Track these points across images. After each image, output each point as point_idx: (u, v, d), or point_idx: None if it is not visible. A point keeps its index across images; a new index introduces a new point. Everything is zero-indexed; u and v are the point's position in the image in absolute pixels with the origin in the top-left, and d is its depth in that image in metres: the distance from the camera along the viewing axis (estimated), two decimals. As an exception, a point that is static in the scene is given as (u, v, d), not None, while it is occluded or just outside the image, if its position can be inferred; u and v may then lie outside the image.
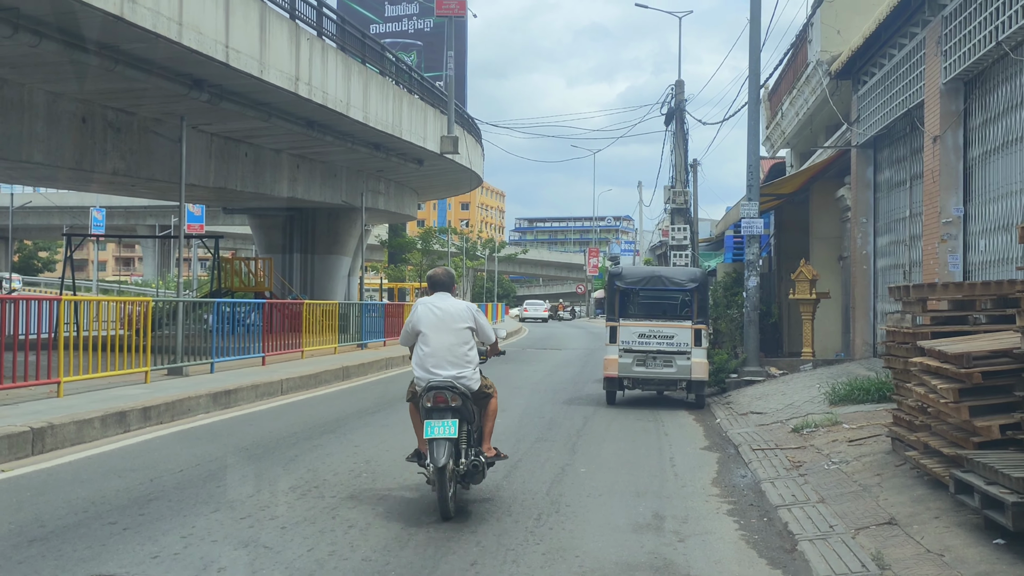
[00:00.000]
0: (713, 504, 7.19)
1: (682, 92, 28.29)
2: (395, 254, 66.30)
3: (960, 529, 5.68)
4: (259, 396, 12.80)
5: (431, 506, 6.58)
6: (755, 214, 15.45)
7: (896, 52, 13.53)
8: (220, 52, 13.84)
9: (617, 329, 13.49)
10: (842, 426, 9.86)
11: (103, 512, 6.29)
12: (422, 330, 6.73)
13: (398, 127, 23.08)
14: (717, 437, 10.77)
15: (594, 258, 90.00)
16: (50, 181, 22.28)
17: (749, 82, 15.69)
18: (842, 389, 11.42)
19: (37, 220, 60.32)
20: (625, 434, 10.84)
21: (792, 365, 15.96)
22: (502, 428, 10.71)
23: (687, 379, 13.29)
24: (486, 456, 6.83)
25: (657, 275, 14.09)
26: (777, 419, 11.32)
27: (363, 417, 11.47)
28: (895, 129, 14.35)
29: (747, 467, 8.76)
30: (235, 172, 21.64)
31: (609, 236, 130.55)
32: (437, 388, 6.48)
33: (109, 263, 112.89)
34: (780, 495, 7.34)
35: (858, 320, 15.73)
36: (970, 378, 6.13)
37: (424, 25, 63.36)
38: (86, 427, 9.05)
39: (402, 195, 33.04)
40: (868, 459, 8.09)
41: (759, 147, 16.36)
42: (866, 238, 15.68)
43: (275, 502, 6.76)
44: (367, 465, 8.26)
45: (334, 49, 19.16)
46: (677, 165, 28.52)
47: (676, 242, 27.32)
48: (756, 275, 15.60)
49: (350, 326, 21.43)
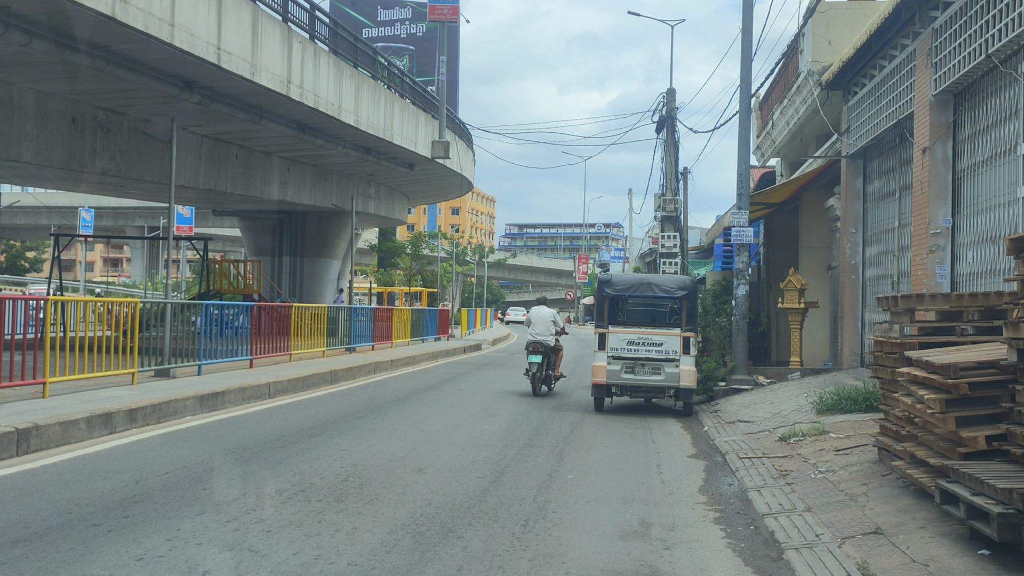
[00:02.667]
0: (700, 512, 7.19)
1: (673, 100, 28.34)
2: (385, 258, 66.18)
3: (946, 539, 5.70)
4: (246, 399, 12.75)
5: (416, 512, 6.57)
6: (745, 223, 15.49)
7: (886, 63, 13.61)
8: (212, 54, 13.80)
9: (606, 336, 13.50)
10: (829, 435, 9.89)
11: (88, 514, 6.25)
12: (532, 319, 15.30)
13: (389, 131, 23.07)
14: (705, 445, 10.78)
15: (584, 265, 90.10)
16: (39, 181, 22.15)
17: (740, 91, 15.75)
18: (829, 399, 11.45)
19: (25, 220, 59.96)
20: (613, 441, 10.84)
21: (780, 374, 16.00)
22: (489, 433, 10.72)
23: (675, 387, 13.31)
24: (554, 373, 15.42)
25: (646, 282, 14.11)
26: (764, 428, 11.34)
27: (351, 421, 11.44)
28: (885, 140, 14.42)
29: (734, 475, 8.77)
30: (225, 174, 21.58)
31: (599, 243, 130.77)
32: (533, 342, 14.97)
33: (97, 264, 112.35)
34: (767, 503, 7.35)
35: (846, 330, 15.79)
36: (957, 389, 6.16)
37: (417, 30, 63.47)
38: (71, 428, 9.00)
39: (392, 199, 33.01)
40: (855, 468, 8.11)
41: (749, 156, 16.41)
42: (855, 248, 15.74)
43: (261, 505, 6.73)
44: (354, 469, 8.24)
45: (326, 52, 19.14)
46: (668, 173, 28.58)
47: (666, 250, 27.39)
48: (745, 284, 15.64)
49: (339, 330, 21.38)
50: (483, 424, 11.71)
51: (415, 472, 8.21)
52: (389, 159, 25.64)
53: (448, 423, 11.76)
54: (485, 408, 13.51)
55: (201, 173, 20.43)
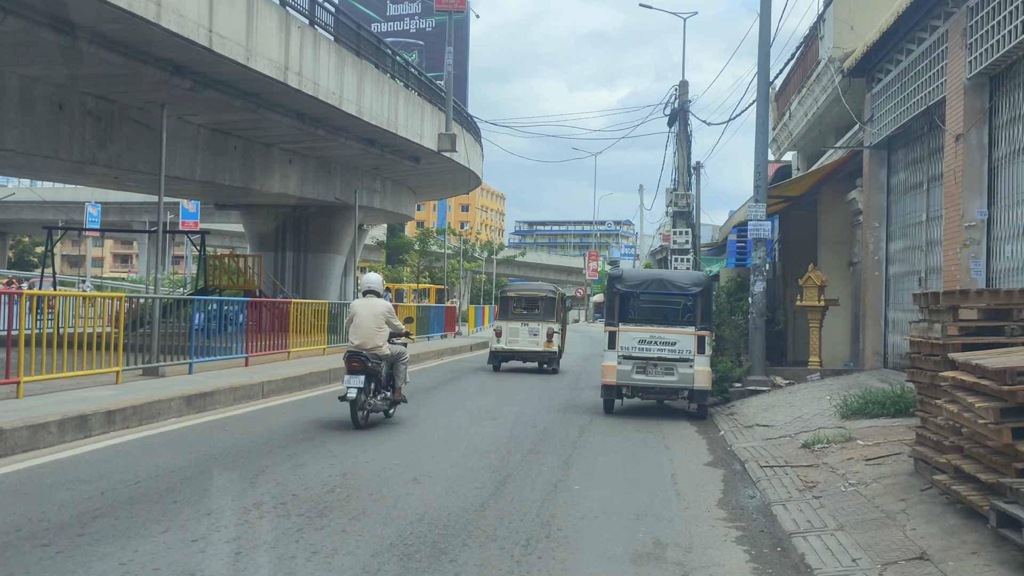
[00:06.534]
0: (720, 529, 6.51)
1: (686, 92, 27.72)
2: (393, 255, 65.57)
3: (1003, 568, 5.01)
4: (237, 399, 12.11)
5: (406, 529, 5.91)
6: (763, 216, 14.77)
7: (915, 47, 12.86)
8: (203, 36, 13.10)
9: (617, 334, 12.82)
10: (857, 442, 9.18)
11: (39, 532, 5.61)
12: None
13: (394, 122, 22.38)
14: (722, 451, 10.09)
15: (594, 262, 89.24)
16: (27, 170, 21.41)
17: (758, 77, 15.03)
18: (855, 402, 10.74)
19: (32, 215, 59.54)
20: (624, 446, 10.16)
21: (798, 375, 15.28)
22: (491, 437, 10.04)
23: (689, 388, 12.63)
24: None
25: (659, 278, 13.41)
26: (785, 433, 10.64)
27: (345, 423, 10.77)
28: (912, 129, 13.68)
29: (755, 486, 8.09)
30: (224, 166, 20.91)
31: (609, 240, 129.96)
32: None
33: (107, 260, 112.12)
34: (794, 520, 6.66)
35: (868, 329, 15.05)
36: (1013, 396, 5.45)
37: (426, 25, 62.85)
38: (41, 432, 8.37)
39: (399, 194, 32.34)
40: (889, 481, 7.40)
41: (767, 146, 15.70)
42: (878, 243, 15.00)
43: (234, 521, 6.08)
44: (343, 479, 7.58)
45: (327, 39, 18.44)
46: (680, 167, 27.97)
47: (678, 246, 26.76)
48: (763, 280, 14.93)
49: (341, 326, 20.74)
50: (486, 427, 11.04)
51: (409, 482, 7.55)
52: (394, 152, 24.96)
53: (448, 426, 11.11)
54: (489, 410, 12.84)
55: (198, 164, 19.75)
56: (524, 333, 19.94)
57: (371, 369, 10.43)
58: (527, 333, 19.93)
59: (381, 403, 10.78)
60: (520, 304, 20.63)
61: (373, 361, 10.44)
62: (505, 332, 19.98)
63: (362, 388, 10.28)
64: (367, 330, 10.55)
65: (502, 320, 20.28)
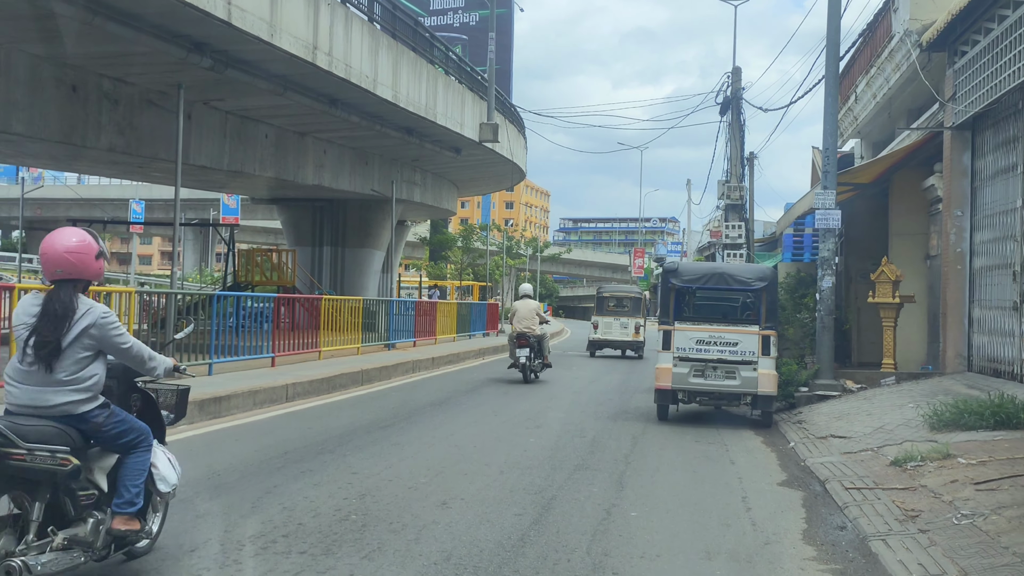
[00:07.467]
0: (812, 575, 5.32)
1: (739, 80, 26.43)
2: (436, 251, 64.72)
3: None
4: (257, 404, 11.14)
5: (431, 571, 4.82)
6: (832, 204, 13.45)
7: (1009, 12, 11.46)
8: (221, 9, 12.06)
9: (672, 334, 11.63)
10: (957, 460, 7.89)
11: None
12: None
13: (432, 110, 21.32)
14: (796, 468, 8.86)
15: (639, 259, 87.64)
16: (37, 157, 20.49)
17: (827, 52, 13.69)
18: (947, 412, 9.43)
19: (79, 212, 59.62)
20: (683, 461, 8.99)
21: (870, 378, 13.93)
22: (534, 449, 8.92)
23: (753, 393, 11.41)
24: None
25: (719, 272, 12.17)
26: (867, 446, 9.36)
27: (372, 432, 9.74)
28: (1003, 106, 12.27)
29: (843, 513, 6.87)
30: (253, 155, 19.97)
31: (655, 237, 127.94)
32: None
33: (155, 257, 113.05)
34: (902, 563, 5.44)
35: (950, 328, 13.65)
36: None
37: (470, 19, 62.06)
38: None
39: (440, 188, 31.33)
40: (1012, 512, 6.13)
41: (836, 126, 14.34)
42: (960, 234, 13.60)
43: (224, 560, 5.05)
44: (360, 501, 6.52)
45: (360, 18, 17.37)
46: (732, 158, 26.73)
47: (730, 240, 25.52)
48: (832, 275, 13.61)
49: (378, 324, 19.79)
50: (528, 437, 9.92)
51: (437, 507, 6.46)
52: (433, 142, 23.91)
53: (486, 435, 10.02)
54: (531, 416, 11.73)
55: (226, 153, 18.81)
56: (616, 326, 24.99)
57: (531, 343, 15.70)
58: (619, 326, 24.97)
59: (537, 366, 15.92)
60: (613, 303, 25.47)
61: (533, 339, 15.70)
62: (601, 325, 25.02)
63: (528, 356, 15.60)
64: (527, 320, 15.75)
65: (599, 315, 25.15)
